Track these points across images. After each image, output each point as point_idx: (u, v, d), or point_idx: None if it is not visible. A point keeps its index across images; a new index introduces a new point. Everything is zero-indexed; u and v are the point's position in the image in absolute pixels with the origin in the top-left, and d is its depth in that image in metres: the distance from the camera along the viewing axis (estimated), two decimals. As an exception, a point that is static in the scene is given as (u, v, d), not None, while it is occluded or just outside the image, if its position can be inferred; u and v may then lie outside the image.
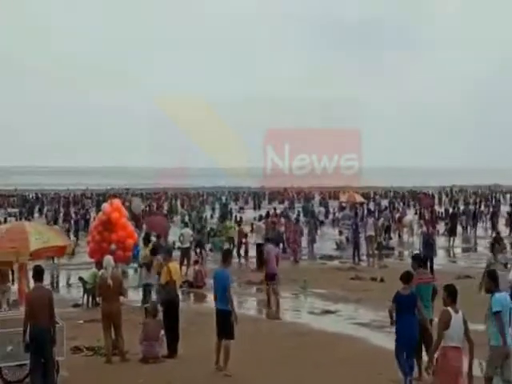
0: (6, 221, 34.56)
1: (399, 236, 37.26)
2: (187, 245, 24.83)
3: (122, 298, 13.54)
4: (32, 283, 11.15)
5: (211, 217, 45.35)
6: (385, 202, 58.70)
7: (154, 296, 17.20)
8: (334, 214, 48.08)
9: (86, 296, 19.04)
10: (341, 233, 35.80)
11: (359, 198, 44.99)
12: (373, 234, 28.83)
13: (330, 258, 29.61)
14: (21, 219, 38.37)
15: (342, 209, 48.17)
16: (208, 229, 31.66)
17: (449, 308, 9.19)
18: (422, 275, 12.18)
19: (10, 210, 56.30)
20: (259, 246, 25.65)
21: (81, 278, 19.45)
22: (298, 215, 36.02)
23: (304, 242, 30.55)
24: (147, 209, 48.54)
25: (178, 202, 61.32)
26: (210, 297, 19.64)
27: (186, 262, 24.05)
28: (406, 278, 11.33)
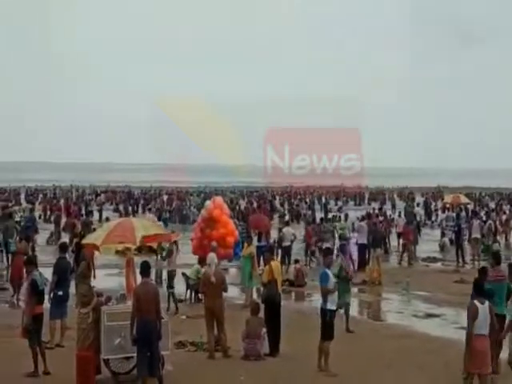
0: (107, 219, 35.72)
1: (506, 239, 35.97)
2: (288, 243, 24.86)
3: (224, 295, 13.69)
4: (139, 278, 11.42)
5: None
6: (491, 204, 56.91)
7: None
8: (437, 215, 46.99)
9: (188, 292, 19.37)
10: (443, 234, 34.89)
11: (464, 199, 43.75)
12: (478, 236, 27.98)
13: (434, 260, 28.90)
14: (127, 215, 39.47)
15: (445, 210, 46.99)
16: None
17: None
18: (497, 272, 12.19)
19: (112, 206, 57.89)
20: (362, 247, 25.40)
21: (184, 274, 19.80)
22: (399, 216, 35.33)
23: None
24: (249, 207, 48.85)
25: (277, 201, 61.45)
26: (312, 296, 19.78)
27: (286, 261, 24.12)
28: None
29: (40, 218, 42.47)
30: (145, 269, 11.21)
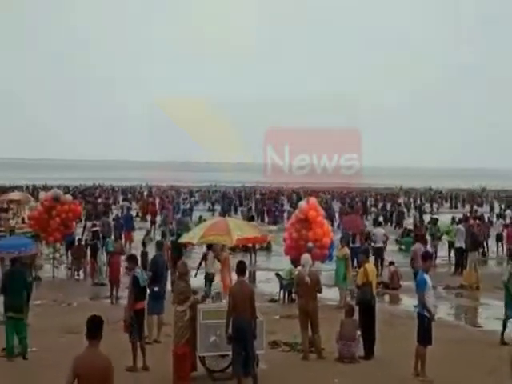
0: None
1: None
2: (380, 244, 24.52)
3: (318, 296, 13.65)
4: (235, 277, 11.54)
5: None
6: None
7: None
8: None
9: (282, 292, 19.44)
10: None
11: None
12: None
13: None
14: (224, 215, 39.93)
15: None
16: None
17: None
18: None
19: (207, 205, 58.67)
20: (459, 250, 24.81)
21: (277, 274, 19.88)
22: (498, 218, 34.28)
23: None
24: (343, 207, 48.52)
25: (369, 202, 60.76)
26: (406, 299, 19.45)
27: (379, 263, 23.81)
28: None
29: (137, 216, 43.55)
30: (241, 268, 11.32)
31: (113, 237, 25.29)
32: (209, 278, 18.27)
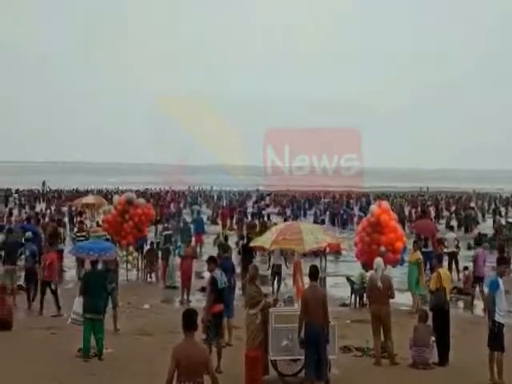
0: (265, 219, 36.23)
1: None
2: (452, 249, 24.07)
3: (390, 301, 13.48)
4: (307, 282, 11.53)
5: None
6: None
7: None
8: None
9: (353, 296, 19.30)
10: None
11: None
12: None
13: None
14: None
15: None
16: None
17: None
18: None
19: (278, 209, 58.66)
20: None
21: (348, 279, 19.76)
22: None
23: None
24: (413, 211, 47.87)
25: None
26: (480, 304, 19.00)
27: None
28: None
29: (208, 219, 43.97)
30: (313, 272, 11.29)
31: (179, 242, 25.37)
32: (275, 271, 18.31)
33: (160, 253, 23.06)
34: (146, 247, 23.91)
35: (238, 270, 19.16)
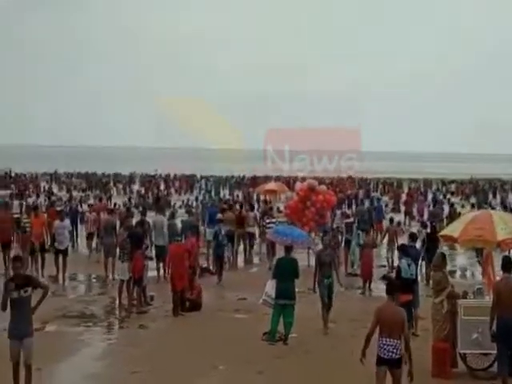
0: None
1: None
2: None
3: None
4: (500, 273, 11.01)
5: None
6: None
7: None
8: None
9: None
10: None
11: None
12: None
13: None
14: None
15: None
16: None
17: None
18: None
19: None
20: None
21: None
22: None
23: None
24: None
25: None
26: None
27: None
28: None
29: (386, 206, 43.18)
30: (506, 264, 10.73)
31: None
32: None
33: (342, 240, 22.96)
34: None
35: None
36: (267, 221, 23.70)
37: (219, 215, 22.36)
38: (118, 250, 17.49)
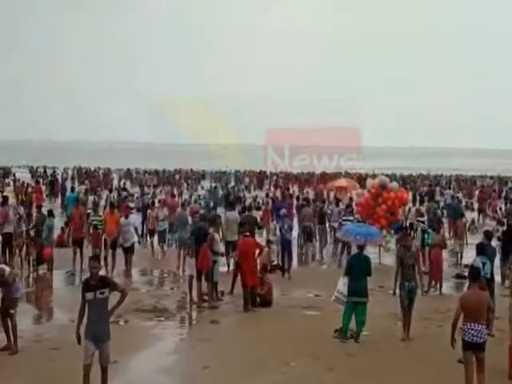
0: None
1: None
2: None
3: None
4: None
5: None
6: None
7: None
8: None
9: None
10: None
11: None
12: None
13: None
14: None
15: None
16: None
17: None
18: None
19: None
20: None
21: None
22: None
23: None
24: None
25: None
26: None
27: None
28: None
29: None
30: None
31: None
32: None
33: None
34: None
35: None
36: (343, 218, 23.56)
37: (283, 210, 22.27)
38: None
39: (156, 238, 24.63)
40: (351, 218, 23.24)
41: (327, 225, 25.46)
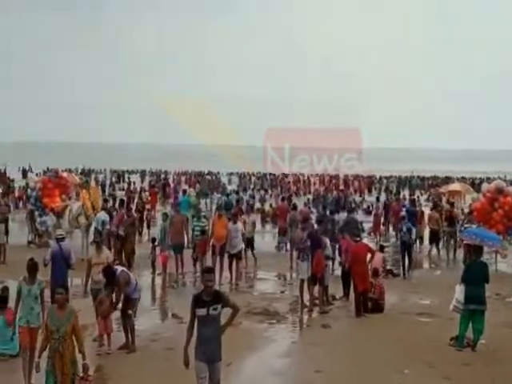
0: None
1: None
2: None
3: None
4: None
5: None
6: None
7: None
8: None
9: None
10: None
11: None
12: None
13: None
14: None
15: None
16: None
17: None
18: None
19: None
20: None
21: None
22: None
23: None
24: None
25: None
26: None
27: None
28: None
29: None
30: None
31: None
32: None
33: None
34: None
35: None
36: (466, 225, 22.89)
37: (402, 213, 22.12)
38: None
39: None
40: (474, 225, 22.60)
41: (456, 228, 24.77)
